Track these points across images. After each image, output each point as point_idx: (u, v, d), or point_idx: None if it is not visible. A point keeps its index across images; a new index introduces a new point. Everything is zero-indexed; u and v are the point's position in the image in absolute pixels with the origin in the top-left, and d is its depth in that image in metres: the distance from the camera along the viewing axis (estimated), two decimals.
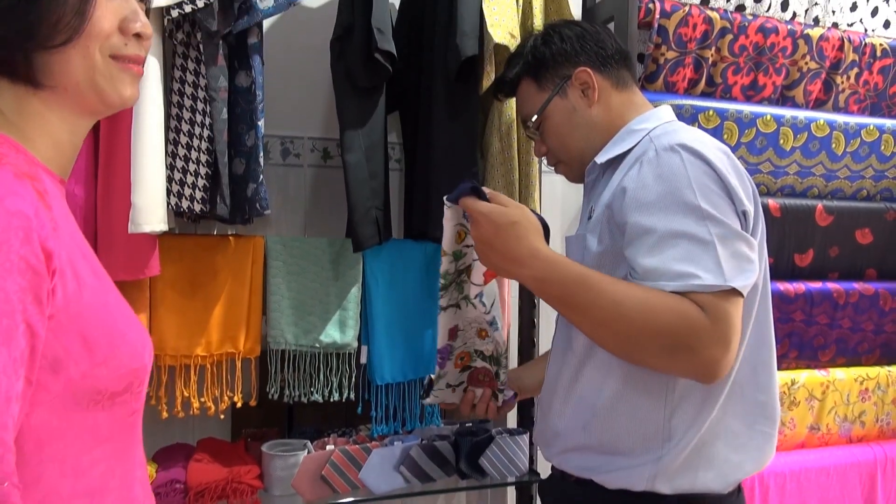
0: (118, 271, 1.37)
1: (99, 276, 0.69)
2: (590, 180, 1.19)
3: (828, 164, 2.06)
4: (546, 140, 1.22)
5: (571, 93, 1.17)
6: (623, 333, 0.94)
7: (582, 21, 1.27)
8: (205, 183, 1.41)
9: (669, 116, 1.16)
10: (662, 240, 0.95)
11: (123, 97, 0.71)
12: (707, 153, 0.99)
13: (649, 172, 1.00)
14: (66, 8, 0.65)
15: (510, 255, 0.97)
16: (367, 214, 1.54)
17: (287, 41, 1.81)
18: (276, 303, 1.61)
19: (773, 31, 2.00)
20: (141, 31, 0.71)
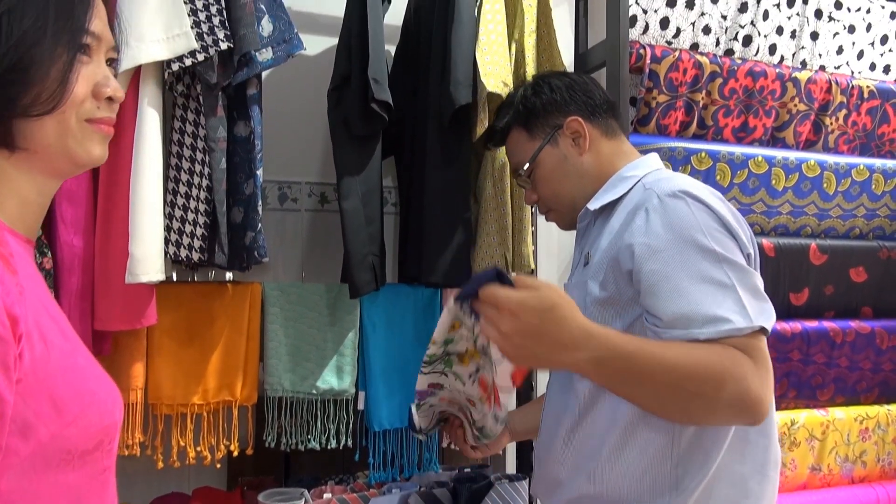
0: (115, 321, 1.37)
1: (67, 336, 0.69)
2: (581, 226, 1.21)
3: (820, 203, 2.09)
4: (537, 188, 1.24)
5: (563, 141, 1.20)
6: (686, 396, 0.91)
7: (569, 71, 1.30)
8: (203, 232, 1.42)
9: (658, 164, 1.19)
10: (683, 285, 0.96)
11: (93, 157, 0.72)
12: (708, 199, 1.02)
13: (657, 220, 1.00)
14: (49, 81, 0.66)
15: (561, 341, 0.85)
16: (364, 261, 1.55)
17: (285, 87, 1.84)
18: (273, 349, 1.60)
19: (762, 74, 2.04)
20: (112, 94, 0.72)
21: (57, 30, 0.67)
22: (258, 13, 1.43)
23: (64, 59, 0.67)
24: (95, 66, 0.71)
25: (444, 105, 1.55)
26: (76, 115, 0.69)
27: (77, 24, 0.69)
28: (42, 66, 0.66)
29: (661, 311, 0.97)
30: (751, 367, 0.91)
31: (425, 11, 1.70)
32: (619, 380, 0.92)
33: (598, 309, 1.07)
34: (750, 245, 1.04)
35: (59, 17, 0.67)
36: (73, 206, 1.36)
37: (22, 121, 0.67)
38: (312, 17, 1.90)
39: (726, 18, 2.04)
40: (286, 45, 1.44)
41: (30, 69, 0.65)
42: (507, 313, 0.83)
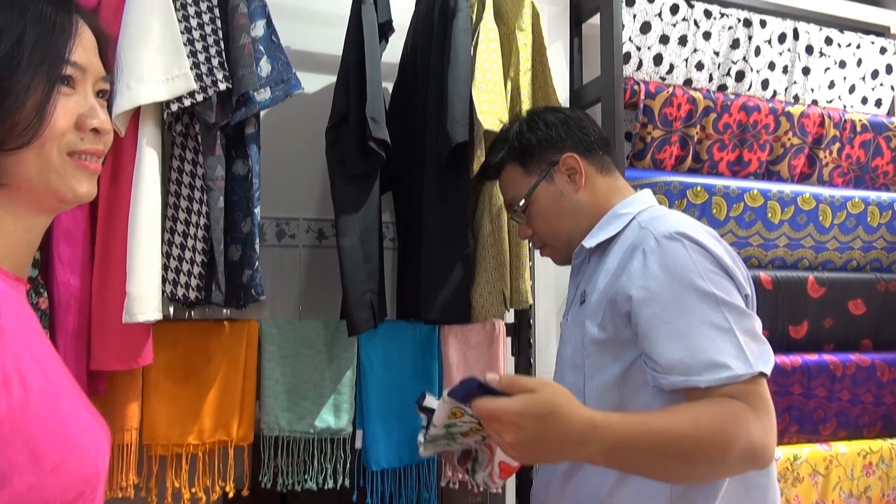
0: (111, 361, 1.36)
1: (50, 379, 0.66)
2: (577, 263, 1.21)
3: (816, 236, 2.09)
4: (532, 223, 1.24)
5: (558, 178, 1.20)
6: (695, 464, 0.92)
7: (563, 107, 1.31)
8: (200, 271, 1.42)
9: (651, 200, 1.20)
10: (682, 330, 0.95)
11: (78, 194, 0.69)
12: (705, 241, 1.02)
13: (655, 263, 1.00)
14: (25, 112, 0.64)
15: (568, 439, 0.83)
16: (363, 298, 1.55)
17: (283, 124, 1.85)
18: (270, 388, 1.59)
19: (756, 109, 2.06)
20: (98, 126, 0.69)
21: (33, 59, 0.65)
22: (256, 54, 1.44)
23: (41, 90, 0.65)
24: (80, 98, 0.69)
25: (442, 143, 1.56)
26: (57, 148, 0.67)
27: (56, 54, 0.66)
28: (17, 97, 0.64)
29: (660, 356, 0.96)
30: (753, 417, 0.90)
31: (422, 50, 1.72)
32: (630, 463, 0.92)
33: (595, 349, 1.07)
34: (747, 285, 1.04)
35: (35, 47, 0.65)
36: (70, 245, 1.36)
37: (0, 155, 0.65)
38: (311, 55, 1.92)
39: (719, 55, 2.07)
40: (284, 85, 1.45)
41: (4, 100, 0.63)
42: (509, 425, 0.81)
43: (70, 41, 0.68)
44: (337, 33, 1.79)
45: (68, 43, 0.68)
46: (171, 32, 1.36)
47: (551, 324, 2.02)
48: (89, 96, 0.70)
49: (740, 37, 2.08)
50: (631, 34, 1.97)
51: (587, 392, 1.08)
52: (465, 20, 1.59)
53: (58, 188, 0.68)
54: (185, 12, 1.40)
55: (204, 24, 1.40)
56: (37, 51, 0.65)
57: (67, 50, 0.67)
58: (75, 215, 1.38)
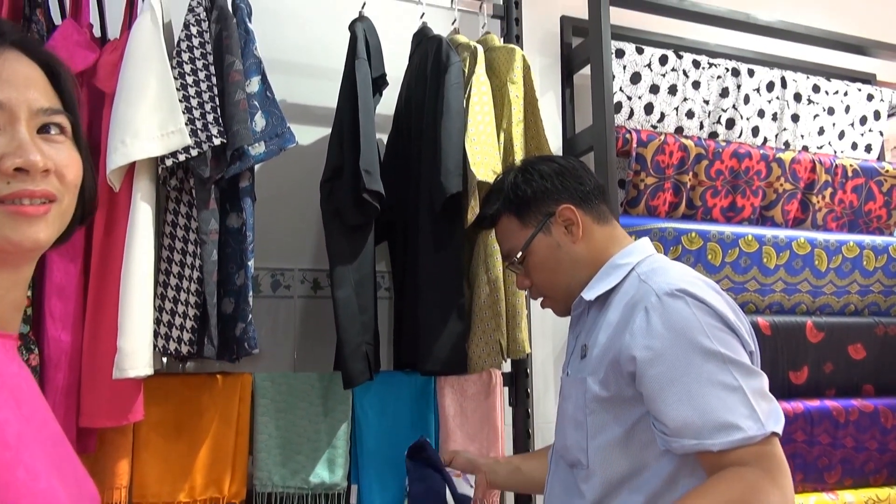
0: (101, 418, 1.34)
1: (9, 445, 0.58)
2: (576, 314, 1.20)
3: (813, 280, 2.09)
4: (531, 275, 1.23)
5: (555, 229, 1.19)
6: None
7: (558, 157, 1.31)
8: (193, 324, 1.41)
9: (650, 249, 1.19)
10: (690, 390, 0.94)
11: (13, 241, 0.62)
12: (708, 297, 1.00)
13: (658, 322, 0.99)
14: None
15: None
16: (358, 350, 1.54)
17: (279, 175, 1.87)
18: (263, 442, 1.56)
19: (747, 155, 2.08)
20: (23, 164, 0.61)
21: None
22: (251, 109, 1.46)
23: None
24: (7, 137, 0.62)
25: (436, 193, 1.58)
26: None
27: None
28: None
29: (668, 419, 0.95)
30: (770, 485, 0.88)
31: (416, 103, 1.75)
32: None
33: (598, 407, 1.05)
34: (752, 341, 1.03)
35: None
36: (62, 301, 1.35)
37: None
38: (306, 108, 1.95)
39: (708, 103, 2.11)
40: (279, 140, 1.47)
41: None
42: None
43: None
44: (332, 87, 1.83)
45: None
46: (167, 89, 1.38)
47: (549, 373, 2.00)
48: (19, 135, 0.63)
49: (729, 85, 2.11)
50: (622, 84, 2.01)
51: (591, 451, 1.05)
52: (458, 74, 1.62)
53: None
54: (181, 69, 1.43)
55: (200, 80, 1.43)
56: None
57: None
58: (68, 271, 1.38)
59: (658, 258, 1.16)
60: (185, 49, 1.43)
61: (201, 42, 1.44)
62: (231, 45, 1.46)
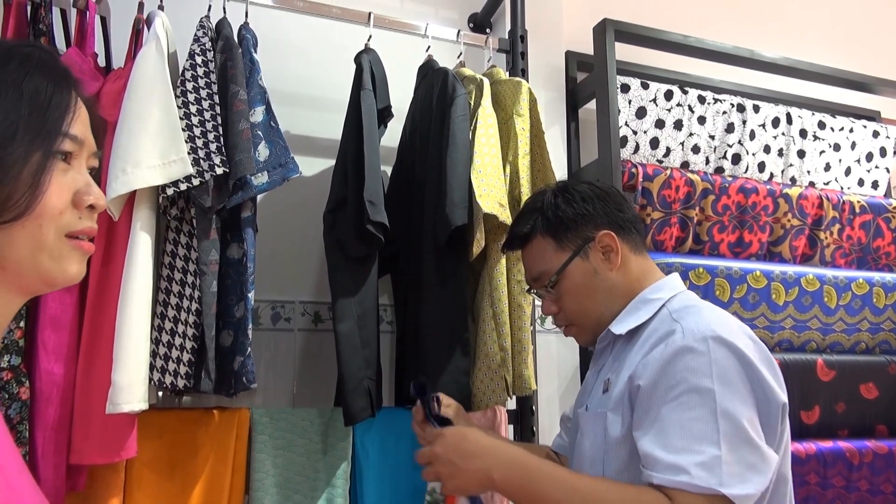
0: (93, 455, 1.29)
1: (12, 488, 0.58)
2: (601, 347, 1.16)
3: (822, 317, 2.05)
4: (561, 301, 1.17)
5: (593, 255, 1.14)
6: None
7: (595, 181, 1.27)
8: (190, 357, 1.37)
9: (681, 285, 1.15)
10: (667, 427, 0.91)
11: (68, 275, 0.65)
12: (740, 344, 0.96)
13: (680, 363, 0.95)
14: (19, 183, 0.60)
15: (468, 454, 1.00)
16: (360, 386, 1.49)
17: (281, 206, 1.85)
18: (259, 481, 1.51)
19: (754, 191, 2.07)
20: (94, 203, 0.66)
21: (29, 131, 0.62)
22: (255, 139, 1.45)
23: (36, 163, 0.62)
24: (75, 173, 0.66)
25: (441, 226, 1.55)
26: (55, 229, 0.63)
27: (53, 127, 0.64)
28: (11, 168, 0.60)
29: (640, 447, 0.95)
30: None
31: (421, 135, 1.74)
32: (520, 495, 0.96)
33: (616, 444, 1.01)
34: (783, 393, 0.98)
35: (32, 120, 0.62)
36: (56, 332, 1.32)
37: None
38: (310, 139, 1.94)
39: (714, 138, 2.10)
40: (282, 170, 1.45)
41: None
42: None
43: (69, 113, 0.66)
44: (335, 119, 1.82)
45: (67, 115, 0.65)
46: (169, 118, 1.37)
47: (554, 410, 1.94)
48: (84, 172, 0.68)
49: (735, 121, 2.10)
50: (627, 118, 2.00)
51: None
52: (464, 106, 1.61)
53: (48, 270, 0.64)
54: (184, 98, 1.41)
55: (203, 109, 1.41)
56: (33, 123, 0.62)
57: (66, 123, 0.65)
58: (63, 301, 1.34)
59: (690, 296, 1.12)
60: (190, 78, 1.42)
61: (206, 71, 1.43)
62: (236, 74, 1.45)
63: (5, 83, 0.63)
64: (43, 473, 1.25)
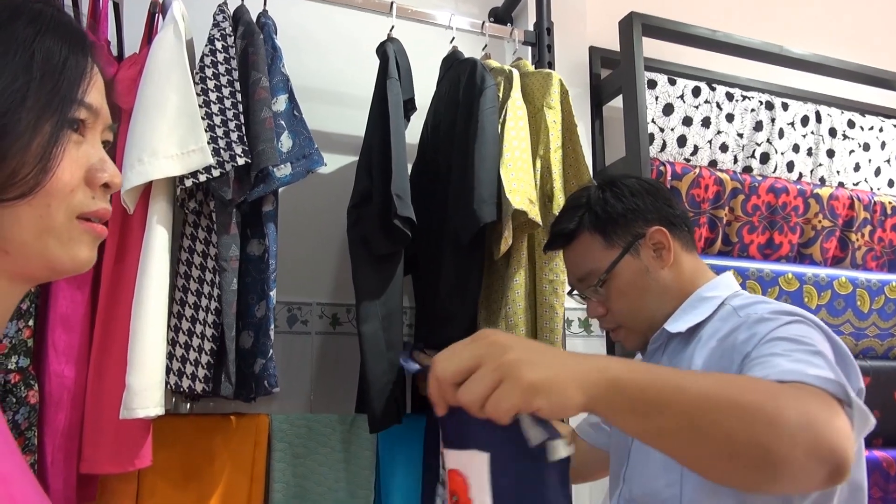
0: (105, 464, 1.21)
1: (14, 500, 0.51)
2: (653, 348, 1.08)
3: (855, 322, 1.98)
4: (610, 301, 1.10)
5: (644, 252, 1.08)
6: (741, 419, 0.63)
7: (643, 176, 1.19)
8: (209, 360, 1.29)
9: (736, 285, 1.09)
10: (769, 361, 0.79)
11: (77, 262, 0.58)
12: (823, 326, 0.89)
13: (762, 328, 0.87)
14: (27, 155, 0.53)
15: (564, 354, 0.64)
16: (384, 390, 1.41)
17: (296, 204, 1.77)
18: (279, 492, 1.42)
19: (784, 190, 2.00)
20: (110, 181, 0.59)
21: (40, 97, 0.54)
22: (277, 128, 1.37)
23: (48, 133, 0.54)
24: (89, 147, 0.59)
25: (467, 223, 1.47)
26: (66, 208, 0.56)
27: (67, 94, 0.57)
28: (20, 138, 0.53)
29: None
30: (822, 407, 0.68)
31: (444, 129, 1.66)
32: (648, 402, 0.62)
33: None
34: (859, 379, 0.91)
35: (43, 84, 0.55)
36: (67, 332, 1.23)
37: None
38: (326, 135, 1.87)
39: (742, 136, 2.03)
40: (306, 161, 1.38)
41: (2, 140, 0.52)
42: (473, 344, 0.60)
43: (85, 79, 0.58)
44: (353, 114, 1.75)
45: (82, 82, 0.57)
46: (188, 105, 1.29)
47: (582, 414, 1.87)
48: (98, 146, 0.60)
49: (763, 119, 2.04)
50: (654, 115, 1.93)
51: (686, 492, 0.91)
52: (493, 98, 1.54)
53: (54, 255, 0.56)
54: (203, 85, 1.34)
55: (224, 97, 1.34)
56: (45, 88, 0.55)
57: (81, 90, 0.57)
58: (74, 299, 1.26)
59: (754, 295, 1.05)
60: (209, 64, 1.35)
61: (226, 57, 1.36)
62: (257, 61, 1.37)
63: (14, 42, 0.55)
64: (52, 484, 1.17)
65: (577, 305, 1.77)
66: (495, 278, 1.60)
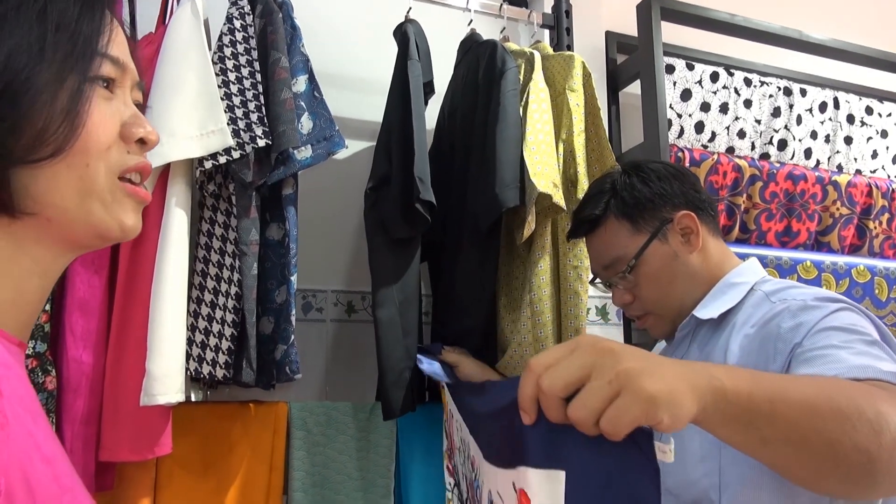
0: (124, 451, 1.18)
1: (65, 488, 0.50)
2: (681, 335, 1.06)
3: (873, 310, 1.96)
4: (638, 288, 1.08)
5: (672, 237, 1.06)
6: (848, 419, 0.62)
7: (668, 162, 1.17)
8: (230, 345, 1.26)
9: (763, 270, 1.07)
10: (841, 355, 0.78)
11: (125, 227, 0.56)
12: (865, 310, 0.88)
13: (811, 317, 0.85)
14: (54, 111, 0.50)
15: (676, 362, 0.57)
16: (401, 377, 1.39)
17: (310, 191, 1.73)
18: (299, 480, 1.40)
19: (802, 177, 1.98)
20: (146, 136, 0.57)
21: (59, 48, 0.51)
22: (298, 110, 1.34)
23: (72, 86, 0.52)
24: (120, 103, 0.56)
25: (489, 208, 1.44)
26: (105, 167, 0.53)
27: (88, 47, 0.53)
28: (40, 94, 0.50)
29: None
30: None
31: (463, 113, 1.63)
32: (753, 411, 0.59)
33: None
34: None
35: (61, 34, 0.52)
36: (85, 316, 1.20)
37: (24, 173, 0.50)
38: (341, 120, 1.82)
39: (760, 123, 2.01)
40: (327, 143, 1.35)
41: (22, 98, 0.49)
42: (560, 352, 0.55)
43: (104, 32, 0.55)
44: (368, 100, 1.72)
45: (101, 35, 0.54)
46: (207, 85, 1.26)
47: None
48: (129, 102, 0.58)
49: (781, 105, 2.02)
50: (672, 101, 1.91)
51: (724, 484, 0.89)
52: (514, 80, 1.50)
53: (101, 219, 0.54)
54: (222, 65, 1.30)
55: (243, 77, 1.30)
56: (62, 41, 0.52)
57: (102, 43, 0.54)
58: (92, 283, 1.23)
59: (784, 280, 1.03)
60: (228, 43, 1.31)
61: (245, 36, 1.33)
62: (277, 40, 1.34)
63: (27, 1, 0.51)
64: None
65: (594, 293, 1.75)
66: (516, 264, 1.58)
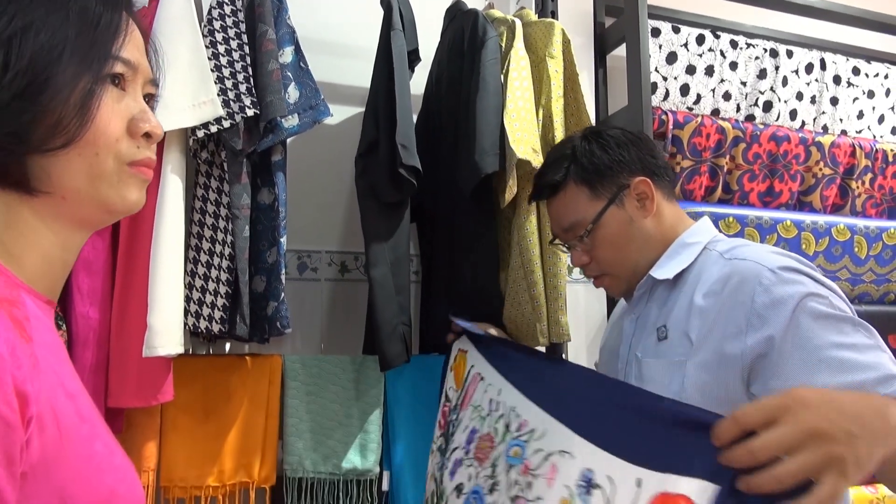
0: (130, 398, 1.30)
1: (84, 418, 0.58)
2: (639, 294, 1.13)
3: (852, 268, 2.03)
4: (594, 251, 1.14)
5: (628, 203, 1.12)
6: None
7: (625, 128, 1.23)
8: (224, 302, 1.36)
9: (714, 230, 1.14)
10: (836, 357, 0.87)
11: (128, 202, 0.63)
12: (819, 276, 0.95)
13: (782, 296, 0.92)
14: (68, 107, 0.58)
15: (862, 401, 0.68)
16: (395, 331, 1.48)
17: (304, 155, 1.82)
18: (293, 426, 1.51)
19: (785, 138, 2.02)
20: (151, 131, 0.64)
21: (76, 52, 0.59)
22: (285, 80, 1.41)
23: (84, 87, 0.59)
24: (130, 100, 0.63)
25: (469, 174, 1.51)
26: (114, 157, 0.61)
27: (102, 50, 0.61)
28: (59, 91, 0.58)
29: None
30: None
31: (449, 80, 1.69)
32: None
33: (697, 394, 0.95)
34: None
35: (79, 41, 0.59)
36: (90, 276, 1.31)
37: (41, 158, 0.58)
38: (334, 87, 1.90)
39: (746, 85, 2.04)
40: (313, 112, 1.42)
41: (42, 94, 0.57)
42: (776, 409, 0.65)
43: (119, 37, 0.62)
44: (359, 65, 1.77)
45: (117, 38, 0.62)
46: (198, 59, 1.33)
47: (583, 360, 1.94)
48: (139, 99, 0.65)
49: (767, 67, 2.05)
50: (657, 64, 1.95)
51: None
52: (495, 49, 1.56)
53: (108, 197, 0.62)
54: (212, 38, 1.38)
55: (231, 49, 1.38)
56: (81, 45, 0.59)
57: (116, 46, 0.62)
58: (95, 245, 1.33)
59: (734, 239, 1.09)
60: (217, 17, 1.38)
61: (233, 10, 1.39)
62: (264, 13, 1.41)
63: (50, 4, 0.59)
64: None
65: None
66: (504, 225, 1.66)
